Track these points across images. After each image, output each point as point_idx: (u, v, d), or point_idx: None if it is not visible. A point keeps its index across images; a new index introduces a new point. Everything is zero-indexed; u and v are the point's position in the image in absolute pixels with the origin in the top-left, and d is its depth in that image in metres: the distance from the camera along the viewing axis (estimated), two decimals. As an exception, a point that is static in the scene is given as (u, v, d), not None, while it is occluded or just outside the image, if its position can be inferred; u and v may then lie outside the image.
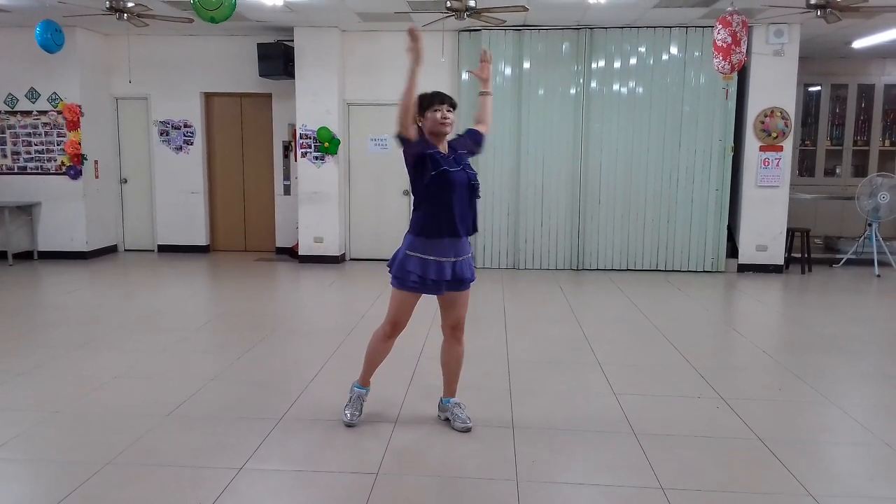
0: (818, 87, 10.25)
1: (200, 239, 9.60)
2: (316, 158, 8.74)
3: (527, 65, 8.43)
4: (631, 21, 8.06)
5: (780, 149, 8.35)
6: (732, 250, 8.65)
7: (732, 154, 8.38)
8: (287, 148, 9.42)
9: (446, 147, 3.42)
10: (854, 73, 10.12)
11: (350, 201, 9.11)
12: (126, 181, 9.67)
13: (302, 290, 7.70)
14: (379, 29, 8.59)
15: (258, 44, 8.65)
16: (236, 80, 9.27)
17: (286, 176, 9.48)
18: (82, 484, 2.92)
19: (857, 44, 8.88)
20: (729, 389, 4.20)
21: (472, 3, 6.29)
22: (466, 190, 3.33)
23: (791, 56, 8.18)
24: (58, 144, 8.82)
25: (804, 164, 10.41)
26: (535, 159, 8.53)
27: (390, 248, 3.76)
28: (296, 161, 8.96)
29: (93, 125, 9.01)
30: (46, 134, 8.83)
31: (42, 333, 5.48)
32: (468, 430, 3.49)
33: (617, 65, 8.39)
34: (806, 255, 8.58)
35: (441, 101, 3.35)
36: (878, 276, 8.33)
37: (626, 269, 8.61)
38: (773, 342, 5.66)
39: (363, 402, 3.61)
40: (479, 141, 3.56)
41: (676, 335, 5.48)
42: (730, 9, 6.09)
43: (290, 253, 9.30)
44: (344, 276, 8.14)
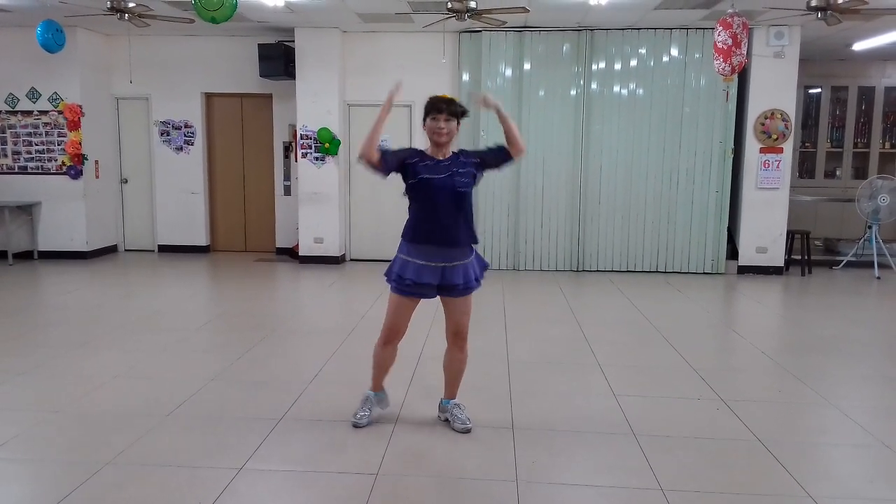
0: (818, 90, 10.25)
1: (201, 239, 9.61)
2: (316, 159, 8.74)
3: (527, 66, 8.43)
4: (631, 23, 8.07)
5: (781, 151, 8.35)
6: (732, 252, 8.65)
7: (733, 156, 8.38)
8: (287, 148, 9.42)
9: (447, 153, 3.35)
10: (854, 76, 10.12)
11: (350, 202, 9.11)
12: (126, 181, 9.67)
13: (302, 291, 7.71)
14: (380, 30, 8.60)
15: (259, 44, 8.65)
16: (237, 81, 9.27)
17: (286, 176, 9.48)
18: (82, 484, 2.92)
19: (858, 46, 8.89)
20: (729, 391, 4.20)
21: (472, 5, 6.29)
22: (451, 197, 3.26)
23: (791, 58, 8.18)
24: (58, 144, 8.82)
25: (804, 166, 10.41)
26: (536, 160, 8.52)
27: (390, 248, 3.76)
28: (296, 161, 8.96)
29: (93, 125, 9.02)
30: (47, 134, 8.83)
31: (42, 333, 5.48)
32: (468, 430, 3.49)
33: (617, 66, 8.39)
34: (806, 257, 8.58)
35: (438, 110, 3.26)
36: (878, 278, 8.33)
37: (627, 271, 8.61)
38: (773, 344, 5.67)
39: (372, 405, 3.61)
40: (502, 158, 3.38)
41: (676, 337, 5.48)
42: (730, 11, 6.10)
43: (291, 253, 9.30)
44: (344, 277, 8.15)
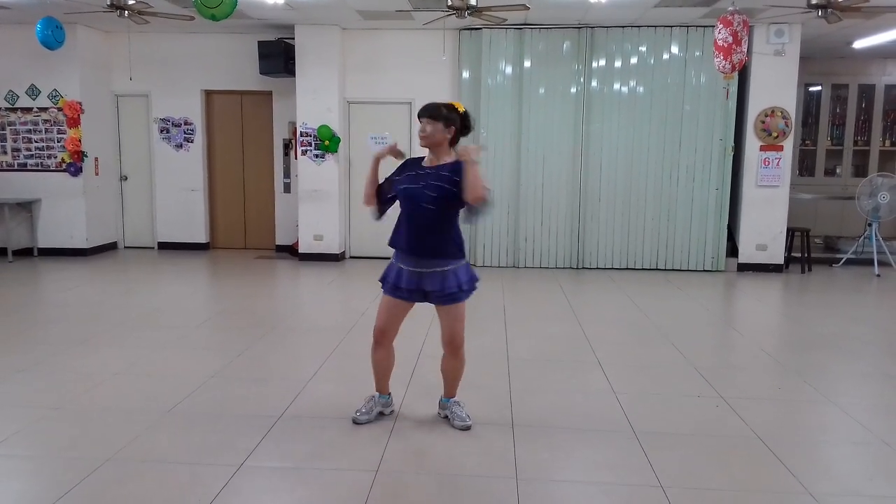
0: (819, 87, 10.25)
1: (200, 236, 9.60)
2: (316, 156, 8.73)
3: (527, 64, 8.42)
4: (632, 20, 8.06)
5: (781, 148, 8.35)
6: (732, 250, 8.65)
7: (733, 154, 8.38)
8: (287, 146, 9.41)
9: (443, 160, 3.31)
10: (855, 74, 10.12)
11: (350, 199, 9.10)
12: (126, 178, 9.67)
13: (301, 288, 7.71)
14: (380, 27, 8.58)
15: (259, 41, 8.64)
16: (237, 78, 9.26)
17: (286, 174, 9.48)
18: (82, 480, 2.92)
19: (858, 44, 8.88)
20: (728, 388, 4.20)
21: (473, 2, 6.27)
22: (417, 208, 3.26)
23: (792, 56, 8.17)
24: (58, 141, 8.81)
25: (804, 164, 10.41)
26: (536, 158, 8.52)
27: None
28: (296, 159, 8.95)
29: (93, 122, 9.01)
30: (47, 131, 8.82)
31: (42, 330, 5.48)
32: (467, 428, 3.49)
33: (618, 64, 8.38)
34: (806, 255, 8.58)
35: (420, 114, 3.29)
36: (878, 275, 8.34)
37: (626, 268, 8.61)
38: (773, 341, 5.67)
39: (375, 405, 3.62)
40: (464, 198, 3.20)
41: (676, 334, 5.48)
42: (731, 8, 6.08)
43: (290, 251, 9.30)
44: (344, 274, 8.14)
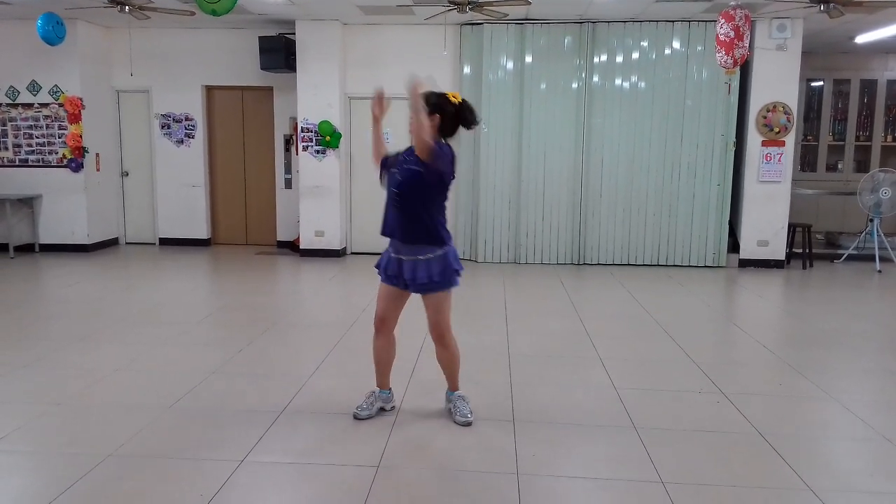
0: (821, 82, 10.22)
1: (201, 232, 9.61)
2: (317, 152, 8.73)
3: (529, 59, 8.40)
4: (633, 15, 8.04)
5: (782, 144, 8.33)
6: (734, 245, 8.64)
7: (734, 149, 8.36)
8: (288, 141, 9.41)
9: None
10: (857, 69, 10.09)
11: (351, 195, 9.10)
12: (127, 174, 9.67)
13: (303, 284, 7.71)
14: (381, 22, 8.57)
15: (259, 37, 8.62)
16: (238, 74, 9.25)
17: (287, 169, 9.47)
18: (84, 476, 2.93)
19: (860, 39, 8.85)
20: (729, 384, 4.20)
21: (474, -3, 6.27)
22: (390, 193, 3.37)
23: (794, 51, 8.15)
24: (59, 137, 8.81)
25: (806, 160, 10.39)
26: (537, 154, 8.51)
27: (391, 242, 3.76)
28: (297, 155, 8.95)
29: (94, 118, 9.00)
30: (48, 126, 8.82)
31: (43, 326, 5.49)
32: (468, 424, 3.49)
33: (619, 59, 8.36)
34: (807, 251, 8.57)
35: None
36: (880, 271, 8.33)
37: (628, 264, 8.60)
38: (774, 337, 5.66)
39: (376, 401, 3.62)
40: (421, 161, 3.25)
41: (677, 330, 5.48)
42: (733, 3, 6.07)
43: (292, 247, 9.30)
44: (345, 270, 8.15)
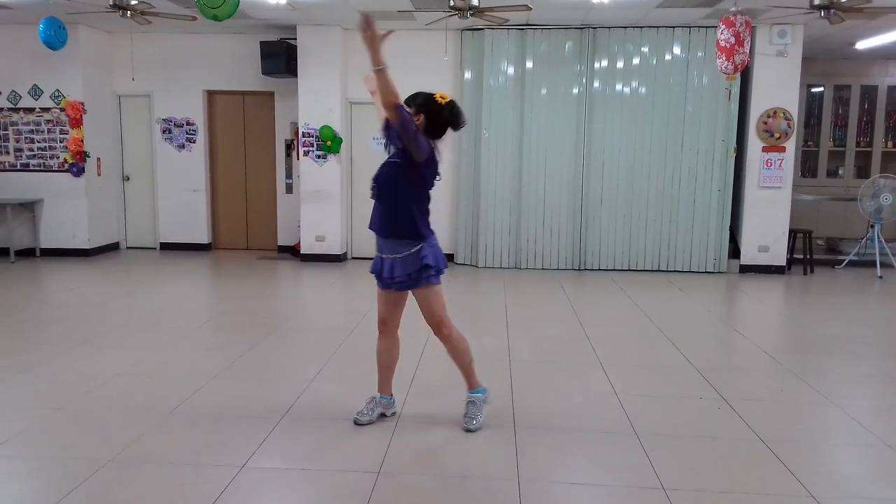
0: (821, 88, 10.23)
1: (202, 237, 9.61)
2: (318, 157, 8.74)
3: (529, 64, 8.42)
4: (634, 21, 8.06)
5: (783, 150, 8.34)
6: (734, 251, 8.64)
7: (735, 155, 8.37)
8: (289, 146, 9.42)
9: None
10: (857, 75, 10.10)
11: (352, 200, 9.11)
12: (128, 179, 9.68)
13: (304, 289, 7.71)
14: (382, 27, 8.56)
15: (261, 42, 8.65)
16: (239, 78, 9.27)
17: (288, 174, 9.48)
18: (84, 481, 2.93)
19: (861, 45, 8.86)
20: (730, 390, 4.20)
21: (475, 2, 6.27)
22: (372, 181, 3.41)
23: (794, 57, 8.16)
24: (60, 141, 8.82)
25: (807, 165, 10.40)
26: (538, 159, 8.52)
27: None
28: (298, 159, 8.96)
29: (95, 122, 9.02)
30: (49, 131, 8.84)
31: (44, 331, 5.49)
32: (469, 430, 3.48)
33: (620, 65, 8.38)
34: (808, 257, 8.57)
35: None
36: (881, 277, 8.32)
37: (628, 270, 8.60)
38: (775, 343, 5.66)
39: (377, 406, 3.62)
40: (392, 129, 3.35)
41: (678, 335, 5.48)
42: (733, 9, 6.08)
43: (292, 251, 9.30)
44: (346, 275, 8.14)
